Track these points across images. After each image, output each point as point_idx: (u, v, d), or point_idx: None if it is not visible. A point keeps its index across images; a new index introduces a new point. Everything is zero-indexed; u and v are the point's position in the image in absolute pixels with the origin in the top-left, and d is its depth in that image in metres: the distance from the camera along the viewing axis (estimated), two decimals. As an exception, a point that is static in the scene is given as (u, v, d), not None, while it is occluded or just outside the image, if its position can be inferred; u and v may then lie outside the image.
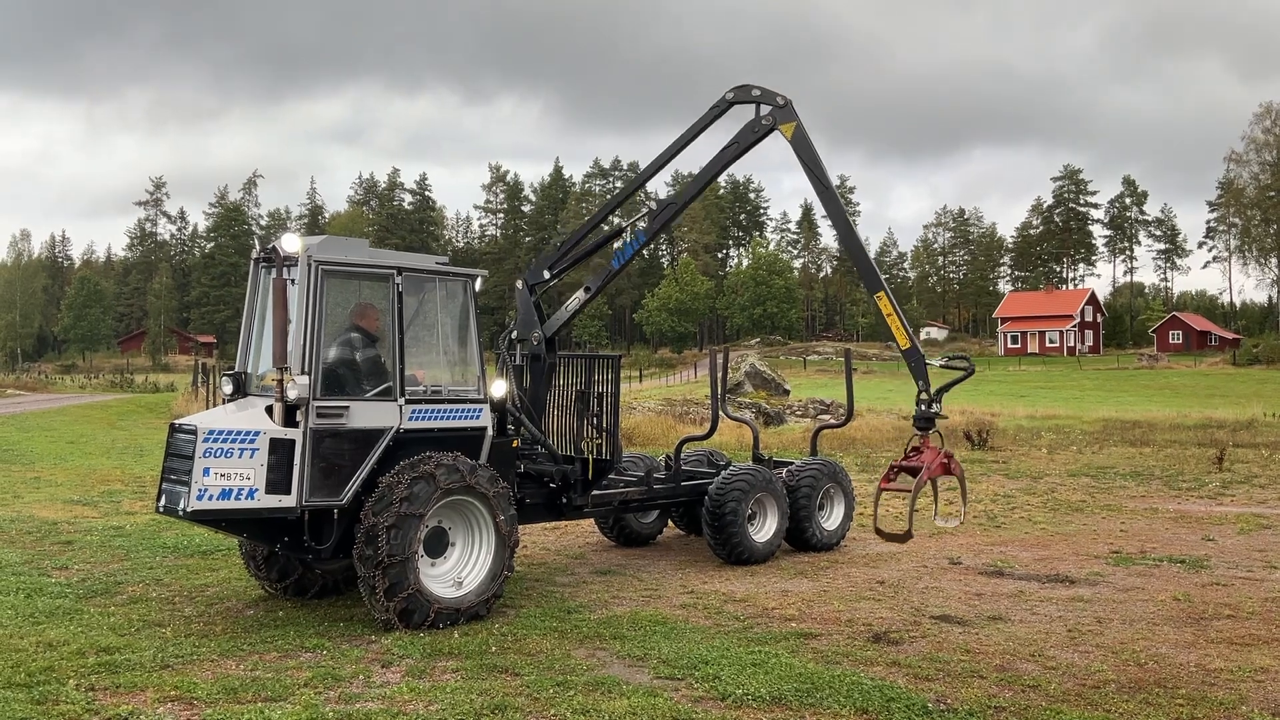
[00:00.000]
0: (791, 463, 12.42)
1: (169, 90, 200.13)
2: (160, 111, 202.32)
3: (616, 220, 12.31)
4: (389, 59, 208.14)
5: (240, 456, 7.80)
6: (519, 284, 10.99)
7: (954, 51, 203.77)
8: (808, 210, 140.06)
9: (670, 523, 12.80)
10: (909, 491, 9.78)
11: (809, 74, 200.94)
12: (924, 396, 9.82)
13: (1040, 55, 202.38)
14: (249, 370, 8.85)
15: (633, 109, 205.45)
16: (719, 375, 13.01)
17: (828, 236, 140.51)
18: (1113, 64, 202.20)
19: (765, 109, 10.53)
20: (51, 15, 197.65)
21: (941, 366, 10.28)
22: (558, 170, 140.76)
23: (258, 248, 9.02)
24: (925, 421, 9.80)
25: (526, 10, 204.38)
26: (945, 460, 9.79)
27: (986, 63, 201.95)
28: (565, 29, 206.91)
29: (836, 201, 10.62)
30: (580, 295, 11.20)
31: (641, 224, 11.06)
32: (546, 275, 10.99)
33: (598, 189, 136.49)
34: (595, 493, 10.42)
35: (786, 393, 37.65)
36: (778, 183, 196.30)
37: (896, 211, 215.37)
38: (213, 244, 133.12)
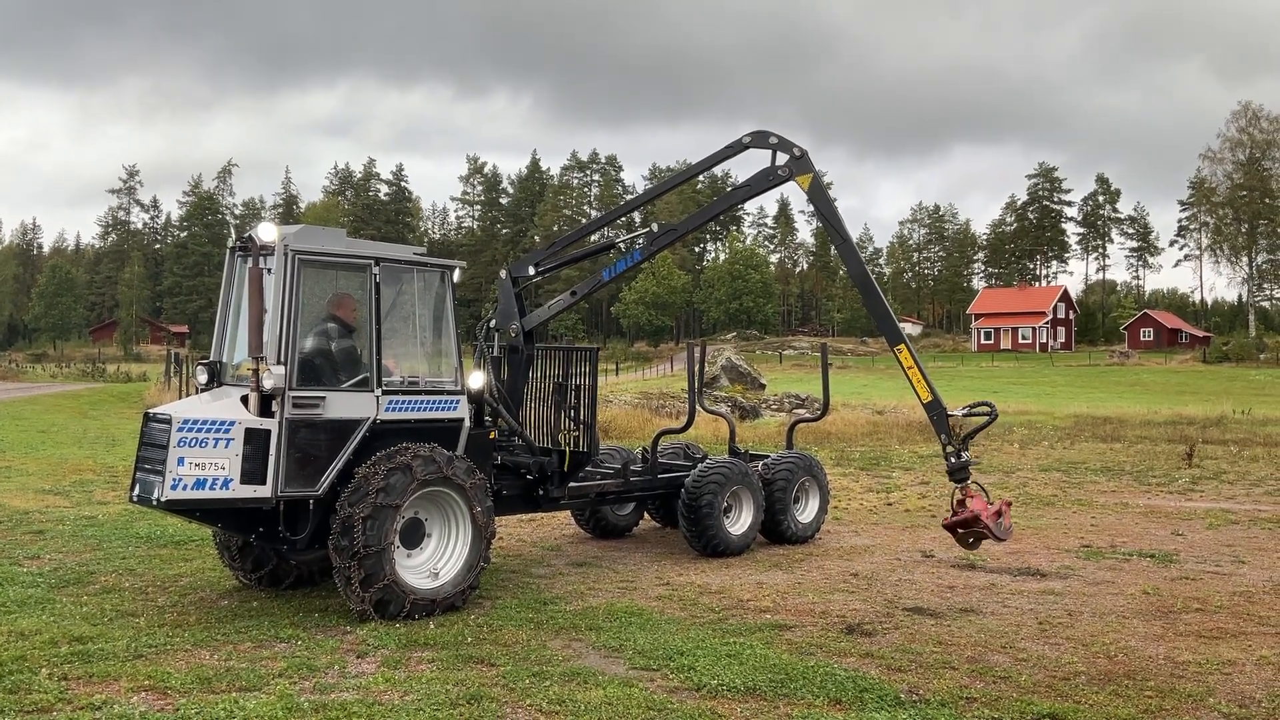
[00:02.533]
0: (767, 456, 12.47)
1: (163, 80, 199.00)
2: (153, 101, 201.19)
3: (610, 233, 12.24)
4: (384, 53, 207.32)
5: (215, 446, 7.76)
6: (503, 273, 10.99)
7: (941, 52, 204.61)
8: (784, 205, 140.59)
9: (646, 515, 12.85)
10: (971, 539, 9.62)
11: (796, 71, 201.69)
12: (949, 449, 9.56)
13: (1025, 57, 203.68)
14: (224, 359, 8.79)
15: (621, 105, 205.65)
16: (696, 369, 13.07)
17: (804, 231, 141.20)
18: (1096, 65, 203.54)
19: (782, 157, 10.42)
20: (48, 3, 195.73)
21: (964, 416, 10.09)
22: (535, 163, 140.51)
23: (234, 236, 8.94)
24: (961, 472, 9.53)
25: (523, 3, 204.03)
26: (1003, 507, 9.53)
27: (972, 63, 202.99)
28: (559, 24, 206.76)
29: (855, 253, 10.45)
30: (565, 298, 11.20)
31: (639, 243, 11.02)
32: (531, 271, 10.99)
33: (575, 182, 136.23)
34: (572, 485, 10.43)
35: (762, 387, 37.76)
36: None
37: (881, 209, 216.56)
38: (186, 233, 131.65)
